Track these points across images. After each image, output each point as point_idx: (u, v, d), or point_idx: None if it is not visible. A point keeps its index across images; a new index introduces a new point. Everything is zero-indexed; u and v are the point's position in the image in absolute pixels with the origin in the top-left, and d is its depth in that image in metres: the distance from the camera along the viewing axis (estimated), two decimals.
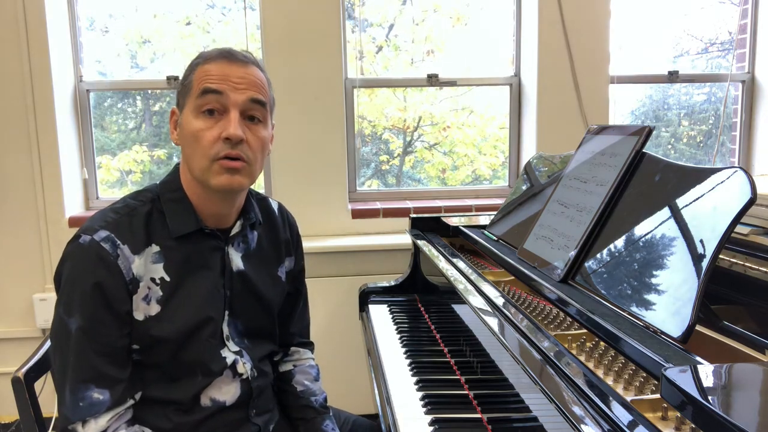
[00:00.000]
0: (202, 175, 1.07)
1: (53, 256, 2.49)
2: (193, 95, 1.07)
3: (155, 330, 1.07)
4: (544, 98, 2.64)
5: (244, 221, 1.20)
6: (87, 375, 1.02)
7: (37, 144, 2.46)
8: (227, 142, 1.04)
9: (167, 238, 1.09)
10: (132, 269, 1.05)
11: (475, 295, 1.27)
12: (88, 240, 1.03)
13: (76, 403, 1.01)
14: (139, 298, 1.06)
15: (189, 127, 1.07)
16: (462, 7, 2.90)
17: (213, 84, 1.05)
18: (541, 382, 0.87)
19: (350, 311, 2.23)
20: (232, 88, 1.05)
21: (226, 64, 1.07)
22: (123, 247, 1.05)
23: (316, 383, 1.36)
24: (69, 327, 1.02)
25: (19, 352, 2.47)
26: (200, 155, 1.06)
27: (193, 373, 1.12)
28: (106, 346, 1.03)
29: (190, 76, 1.09)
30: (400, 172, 3.06)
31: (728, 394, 0.66)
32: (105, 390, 1.03)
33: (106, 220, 1.06)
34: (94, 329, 1.02)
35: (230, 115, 1.05)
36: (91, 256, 1.02)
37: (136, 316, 1.06)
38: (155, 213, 1.10)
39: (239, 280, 1.18)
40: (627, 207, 1.12)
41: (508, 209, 1.67)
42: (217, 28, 2.82)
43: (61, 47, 2.53)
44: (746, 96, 2.91)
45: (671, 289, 0.90)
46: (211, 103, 1.05)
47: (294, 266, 1.35)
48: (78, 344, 1.02)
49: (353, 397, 2.12)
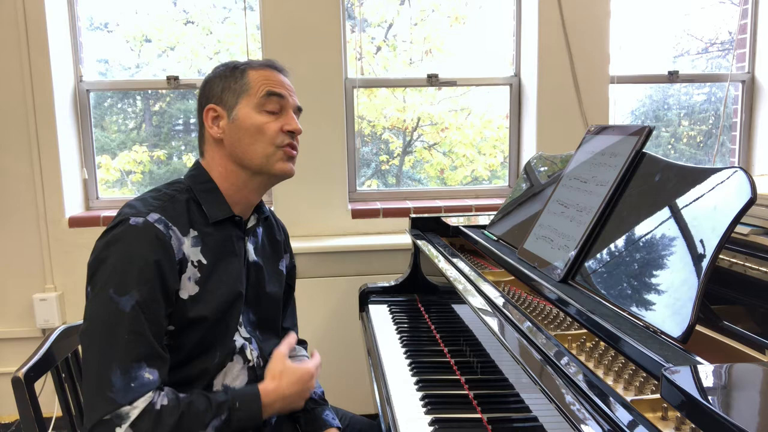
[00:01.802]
0: (265, 161, 1.20)
1: (53, 256, 2.49)
2: (253, 95, 1.20)
3: (193, 309, 1.12)
4: (544, 98, 2.64)
5: (258, 215, 1.31)
6: (142, 352, 1.02)
7: (37, 144, 2.46)
8: (289, 134, 1.22)
9: (203, 224, 1.18)
10: (182, 249, 1.12)
11: (475, 295, 1.27)
12: (141, 221, 1.08)
13: (128, 384, 0.99)
14: (186, 278, 1.12)
15: (251, 121, 1.19)
16: (461, 7, 2.90)
17: (277, 89, 1.21)
18: (541, 382, 0.87)
19: (350, 311, 2.23)
20: (289, 94, 1.24)
21: (278, 73, 1.24)
22: (174, 229, 1.11)
23: None
24: (121, 307, 1.02)
25: (19, 352, 2.47)
26: (265, 143, 1.20)
27: (212, 354, 1.16)
28: (159, 325, 1.06)
29: (242, 78, 1.21)
30: (400, 172, 3.06)
31: (728, 394, 0.65)
32: (155, 370, 1.03)
33: (153, 205, 1.13)
34: (150, 307, 1.04)
35: (289, 113, 1.23)
36: (148, 235, 1.07)
37: (181, 295, 1.11)
38: (191, 201, 1.19)
39: (254, 270, 1.27)
40: (627, 207, 1.12)
41: (508, 209, 1.67)
42: (218, 28, 2.82)
43: (61, 47, 2.53)
44: (746, 96, 2.91)
45: (671, 289, 0.90)
46: (274, 104, 1.21)
47: (289, 262, 1.44)
48: (133, 322, 1.02)
49: (353, 397, 2.12)
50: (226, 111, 1.20)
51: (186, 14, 2.81)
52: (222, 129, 1.20)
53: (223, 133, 1.20)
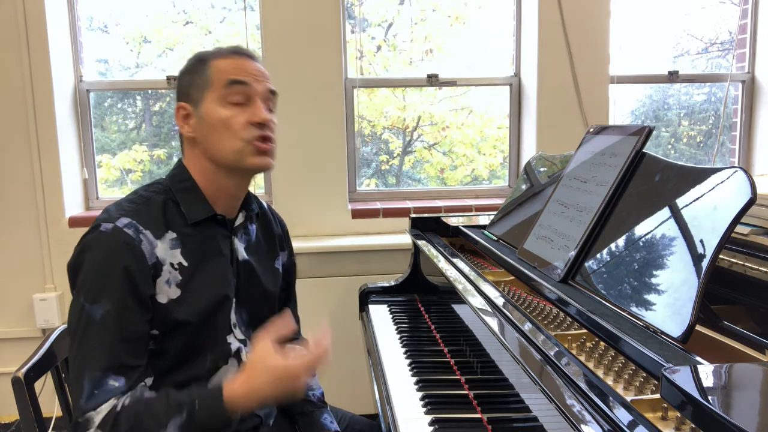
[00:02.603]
0: (236, 157, 1.13)
1: (53, 256, 2.49)
2: (215, 88, 1.13)
3: (177, 313, 1.09)
4: (544, 98, 2.64)
5: (246, 212, 1.25)
6: (110, 363, 1.02)
7: (37, 144, 2.46)
8: (257, 126, 1.13)
9: (183, 225, 1.14)
10: (155, 253, 1.08)
11: (475, 295, 1.27)
12: (110, 227, 1.06)
13: (92, 391, 1.00)
14: (162, 282, 1.09)
15: (216, 116, 1.12)
16: (461, 7, 2.90)
17: (239, 76, 1.12)
18: (541, 382, 0.87)
19: (350, 311, 2.23)
20: (254, 80, 1.14)
21: (241, 59, 1.15)
22: (145, 232, 1.08)
23: (313, 378, 1.38)
24: (92, 315, 1.02)
25: (19, 352, 2.46)
26: (232, 139, 1.12)
27: (203, 358, 1.14)
28: (131, 332, 1.04)
29: (204, 71, 1.14)
30: (400, 172, 3.06)
31: (728, 394, 0.65)
32: (121, 377, 1.03)
33: (125, 209, 1.10)
34: (121, 315, 1.03)
35: (256, 103, 1.14)
36: (116, 242, 1.05)
37: (159, 299, 1.08)
38: (169, 202, 1.15)
39: (244, 269, 1.23)
40: (627, 207, 1.12)
41: (508, 209, 1.67)
42: (218, 28, 2.82)
43: (61, 47, 2.53)
44: (746, 96, 2.91)
45: (671, 289, 0.90)
46: (238, 94, 1.12)
47: (287, 260, 1.40)
48: (103, 331, 1.02)
49: (353, 397, 2.12)
50: (194, 108, 1.15)
51: (185, 14, 2.81)
52: (192, 127, 1.15)
53: (193, 131, 1.15)
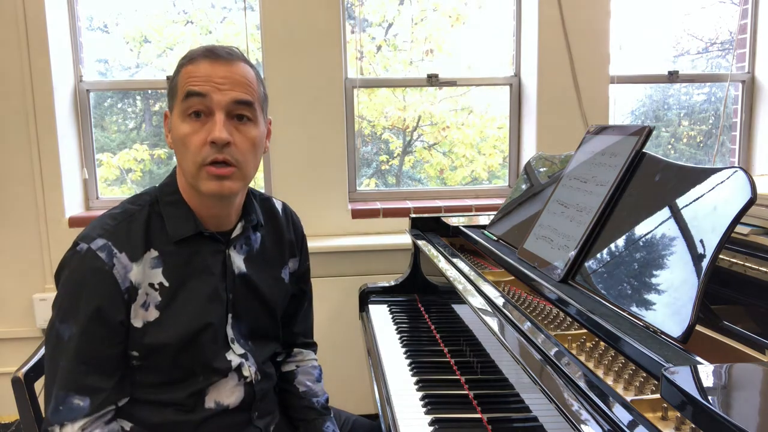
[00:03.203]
0: (193, 181, 1.06)
1: (53, 256, 2.50)
2: (179, 98, 1.04)
3: (154, 336, 1.06)
4: (544, 98, 2.64)
5: (245, 223, 1.19)
6: (72, 384, 1.03)
7: (37, 144, 2.46)
8: (213, 146, 1.01)
9: (166, 242, 1.08)
10: (129, 277, 1.04)
11: (475, 295, 1.27)
12: (84, 249, 1.03)
13: (57, 407, 1.02)
14: (138, 306, 1.05)
15: (177, 132, 1.04)
16: (461, 7, 2.90)
17: (196, 86, 1.01)
18: (541, 382, 0.87)
19: (350, 311, 2.23)
20: (215, 89, 1.01)
21: (208, 63, 1.03)
22: (120, 255, 1.04)
23: (318, 384, 1.36)
24: (61, 334, 1.03)
25: (19, 352, 2.47)
26: (189, 161, 1.04)
27: (194, 375, 1.12)
28: (95, 357, 1.04)
29: (176, 78, 1.06)
30: (400, 172, 3.06)
31: (728, 394, 0.66)
32: (86, 397, 1.03)
33: (104, 228, 1.06)
34: (85, 341, 1.03)
35: (215, 117, 1.02)
36: (86, 266, 1.03)
37: (134, 324, 1.05)
38: (154, 217, 1.09)
39: (241, 282, 1.17)
40: (627, 207, 1.12)
41: (508, 209, 1.67)
42: (218, 28, 2.82)
43: (61, 47, 2.53)
44: (746, 96, 2.91)
45: (671, 289, 0.90)
46: (196, 106, 1.02)
47: (299, 267, 1.34)
48: (67, 352, 1.03)
49: (353, 397, 2.12)
50: (171, 118, 1.07)
51: (185, 14, 2.81)
52: (170, 138, 1.09)
53: (171, 143, 1.08)
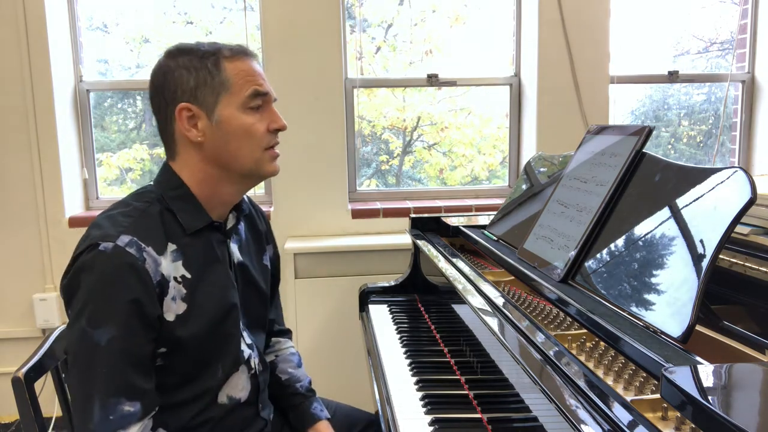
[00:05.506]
0: (255, 165, 1.12)
1: (53, 256, 2.49)
2: (236, 94, 1.09)
3: (184, 328, 1.06)
4: (544, 98, 2.64)
5: (237, 214, 1.23)
6: (119, 388, 0.98)
7: (37, 144, 2.46)
8: (275, 133, 1.14)
9: (180, 235, 1.09)
10: (160, 270, 1.03)
11: (475, 295, 1.27)
12: (110, 247, 0.99)
13: (106, 417, 0.97)
14: (169, 299, 1.05)
15: (237, 123, 1.09)
16: (460, 7, 2.90)
17: (261, 87, 1.11)
18: (541, 382, 0.87)
19: (350, 311, 2.23)
20: (270, 88, 1.14)
21: (249, 61, 1.12)
22: (148, 249, 1.02)
23: (299, 369, 1.38)
24: (96, 339, 0.97)
25: (19, 352, 2.47)
26: (254, 147, 1.11)
27: (214, 370, 1.12)
28: (138, 356, 1.01)
29: (218, 73, 1.07)
30: (400, 172, 3.06)
31: (728, 394, 0.65)
32: (136, 402, 1.00)
33: (123, 225, 1.03)
34: (128, 340, 0.99)
35: (272, 109, 1.14)
36: (118, 263, 0.99)
37: (167, 318, 1.04)
38: (165, 212, 1.09)
39: (241, 271, 1.21)
40: (627, 207, 1.12)
41: (508, 209, 1.67)
42: (218, 28, 2.82)
43: (61, 47, 2.53)
44: (746, 96, 2.91)
45: (671, 289, 0.90)
46: (258, 102, 1.11)
47: (273, 253, 1.38)
48: (109, 356, 0.98)
49: (353, 397, 2.12)
50: (204, 111, 1.08)
51: (185, 15, 2.81)
52: (202, 131, 1.08)
53: (203, 136, 1.08)
